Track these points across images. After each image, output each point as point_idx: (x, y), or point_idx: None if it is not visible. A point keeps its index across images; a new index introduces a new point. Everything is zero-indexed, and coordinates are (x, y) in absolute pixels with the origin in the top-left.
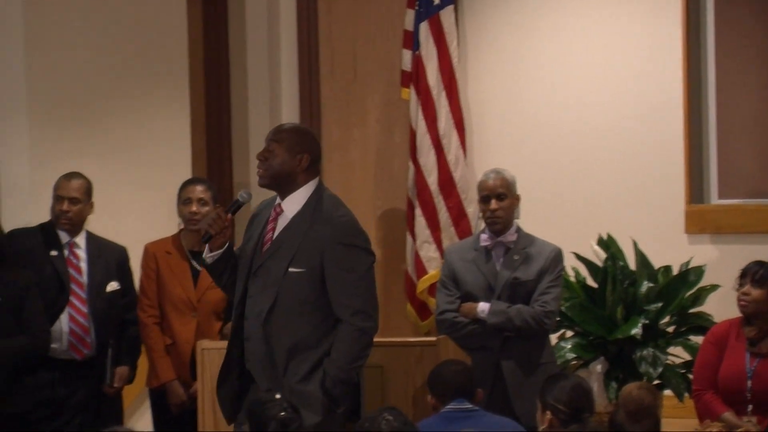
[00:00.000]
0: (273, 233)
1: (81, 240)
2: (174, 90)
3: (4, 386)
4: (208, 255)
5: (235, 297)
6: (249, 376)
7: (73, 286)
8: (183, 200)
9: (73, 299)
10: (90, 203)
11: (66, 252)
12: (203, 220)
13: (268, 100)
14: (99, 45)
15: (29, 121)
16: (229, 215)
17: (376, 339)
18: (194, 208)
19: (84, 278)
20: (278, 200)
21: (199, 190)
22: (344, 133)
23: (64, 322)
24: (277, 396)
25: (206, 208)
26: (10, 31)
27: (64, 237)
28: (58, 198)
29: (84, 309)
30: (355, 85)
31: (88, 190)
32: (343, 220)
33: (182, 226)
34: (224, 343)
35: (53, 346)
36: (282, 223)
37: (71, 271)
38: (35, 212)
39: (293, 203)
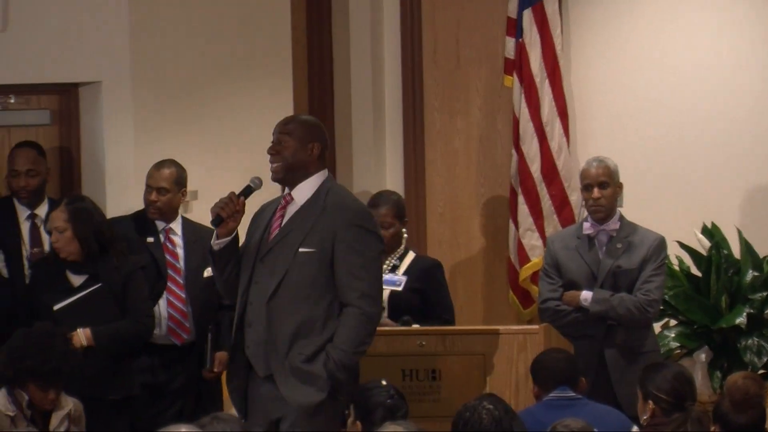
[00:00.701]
0: (282, 220)
1: (177, 226)
2: (277, 78)
3: (108, 371)
4: (215, 242)
5: (240, 285)
6: (248, 365)
7: (171, 272)
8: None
9: (170, 285)
10: (182, 192)
11: (162, 238)
12: (215, 204)
13: (371, 88)
14: (203, 32)
15: (134, 109)
16: (242, 199)
17: (479, 327)
18: None
19: (181, 264)
20: (286, 191)
21: None
22: (447, 121)
23: (162, 307)
24: (383, 382)
25: None
26: (116, 19)
27: (160, 224)
28: (147, 188)
29: (182, 294)
30: (458, 72)
31: (178, 179)
32: (357, 205)
33: None
34: None
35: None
36: (292, 210)
37: (168, 257)
38: (139, 199)
39: (303, 191)
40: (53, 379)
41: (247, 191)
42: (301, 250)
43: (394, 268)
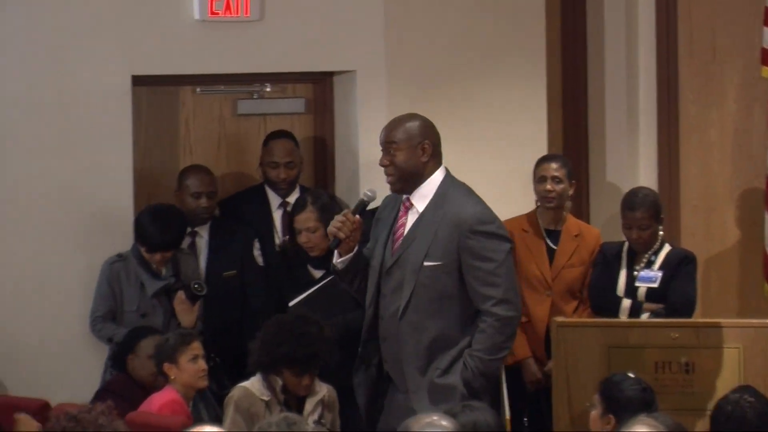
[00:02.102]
0: (404, 229)
1: None
2: (531, 67)
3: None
4: (338, 261)
5: (367, 297)
6: (388, 377)
7: None
8: (538, 178)
9: None
10: None
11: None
12: (331, 224)
13: (625, 77)
14: (457, 21)
15: (388, 98)
16: (357, 216)
17: (733, 320)
18: (548, 186)
19: None
20: (406, 194)
21: (553, 168)
22: (702, 113)
23: None
24: (630, 374)
25: (561, 186)
26: (370, 8)
27: None
28: None
29: None
30: (714, 64)
31: None
32: (476, 209)
33: (539, 204)
34: (580, 320)
35: None
36: (412, 218)
37: None
38: None
39: (422, 197)
40: (308, 365)
41: (362, 206)
42: (426, 263)
43: (649, 264)
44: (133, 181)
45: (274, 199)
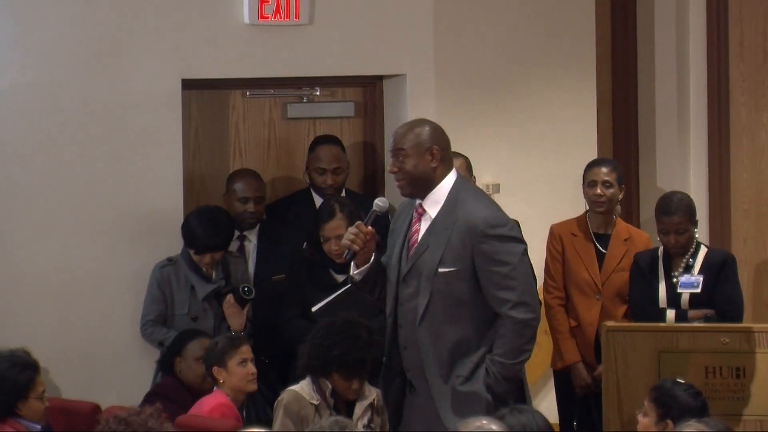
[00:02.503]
0: (418, 235)
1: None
2: (581, 70)
3: None
4: (355, 272)
5: (387, 303)
6: (411, 385)
7: None
8: (587, 182)
9: None
10: (472, 179)
11: None
12: (344, 236)
13: (675, 80)
14: (506, 26)
15: (436, 102)
16: (370, 228)
17: None
18: (598, 191)
19: None
20: (418, 201)
21: (603, 172)
22: (753, 117)
23: None
24: (680, 380)
25: (611, 191)
26: (420, 12)
27: None
28: None
29: None
30: (765, 66)
31: (470, 166)
32: (487, 212)
33: (588, 208)
34: (630, 324)
35: None
36: (425, 224)
37: None
38: None
39: (434, 202)
40: (357, 369)
41: (373, 216)
42: (440, 270)
43: (688, 268)
44: (182, 184)
45: (320, 204)
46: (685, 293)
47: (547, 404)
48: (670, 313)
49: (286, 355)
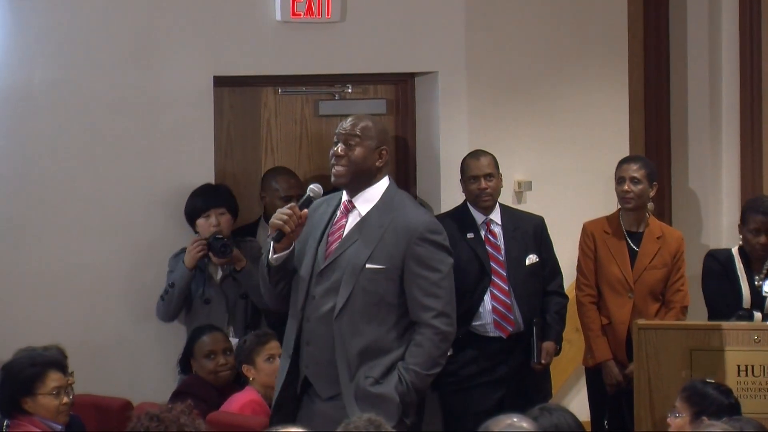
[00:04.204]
0: (344, 230)
1: (496, 216)
2: (612, 69)
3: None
4: (273, 257)
5: (295, 299)
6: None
7: (493, 265)
8: (618, 179)
9: (494, 278)
10: (500, 176)
11: (483, 232)
12: (274, 217)
13: (707, 79)
14: (538, 25)
15: (468, 99)
16: (305, 211)
17: None
18: (626, 187)
19: (502, 256)
20: (345, 197)
21: (633, 169)
22: None
23: (486, 301)
24: (710, 380)
25: (639, 187)
26: (452, 10)
27: (479, 217)
28: (472, 178)
29: (505, 287)
30: None
31: (496, 164)
32: (426, 218)
33: (620, 206)
34: (661, 323)
35: (477, 323)
36: (353, 219)
37: (489, 249)
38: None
39: (366, 200)
40: None
41: (308, 202)
42: (368, 266)
43: None
44: (214, 181)
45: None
46: None
47: (578, 402)
48: (758, 315)
49: None
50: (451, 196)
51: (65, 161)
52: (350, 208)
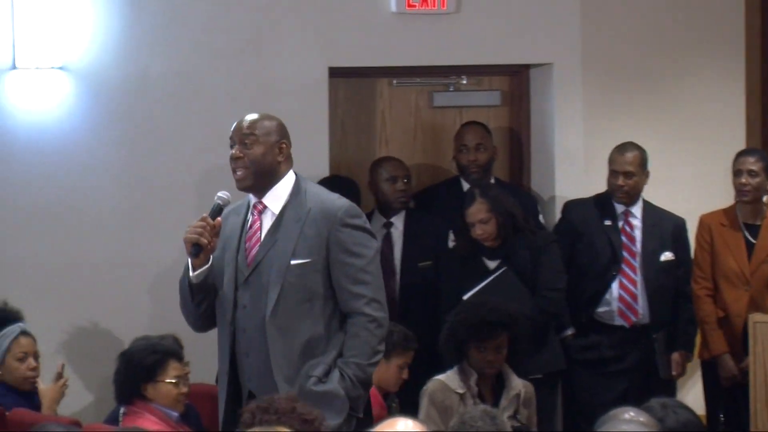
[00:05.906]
0: (261, 233)
1: (637, 210)
2: (729, 61)
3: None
4: (193, 274)
5: (222, 312)
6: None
7: (626, 255)
8: (735, 171)
9: (624, 267)
10: (645, 173)
11: (620, 222)
12: (188, 231)
13: None
14: (654, 16)
15: (584, 91)
16: (218, 219)
17: None
18: (743, 180)
19: (637, 247)
20: (254, 200)
21: (750, 161)
22: None
23: (614, 289)
24: None
25: (757, 180)
26: (567, 1)
27: (619, 207)
28: (613, 172)
29: (635, 277)
30: None
31: (642, 161)
32: (343, 202)
33: (737, 198)
34: None
35: (602, 309)
36: (268, 220)
37: (624, 239)
38: (588, 182)
39: (276, 198)
40: (489, 333)
41: (218, 210)
42: (293, 262)
43: None
44: (329, 172)
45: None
46: None
47: (694, 395)
48: None
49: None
50: (566, 188)
51: (181, 152)
52: (262, 208)
